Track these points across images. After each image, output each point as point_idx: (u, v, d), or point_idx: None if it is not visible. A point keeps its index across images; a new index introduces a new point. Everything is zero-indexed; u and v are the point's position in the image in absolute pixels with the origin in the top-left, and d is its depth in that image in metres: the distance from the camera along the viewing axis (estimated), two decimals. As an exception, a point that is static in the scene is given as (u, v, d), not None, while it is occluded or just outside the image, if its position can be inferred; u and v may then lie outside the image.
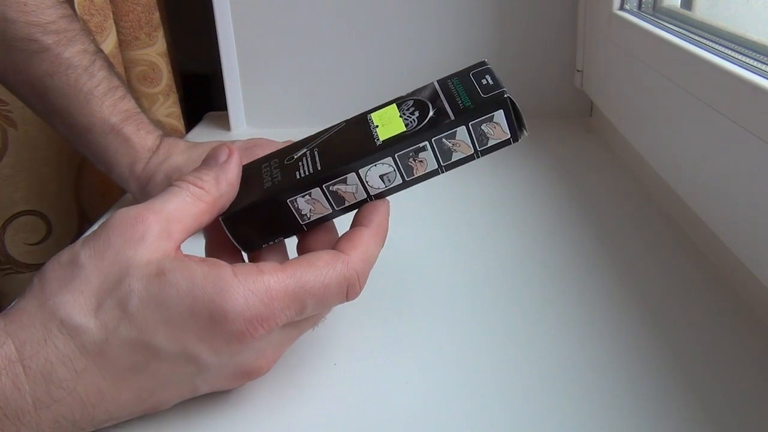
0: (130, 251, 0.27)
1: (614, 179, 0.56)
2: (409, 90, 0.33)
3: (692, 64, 0.41)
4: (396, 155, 0.30)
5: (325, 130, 0.33)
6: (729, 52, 0.39)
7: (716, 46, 0.41)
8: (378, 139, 0.31)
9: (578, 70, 0.68)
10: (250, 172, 0.33)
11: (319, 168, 0.31)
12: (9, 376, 0.26)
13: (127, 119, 0.49)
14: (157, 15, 0.70)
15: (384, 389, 0.33)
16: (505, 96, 0.30)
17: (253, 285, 0.27)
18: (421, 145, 0.30)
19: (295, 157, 0.32)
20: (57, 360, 0.26)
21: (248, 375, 0.30)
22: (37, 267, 0.64)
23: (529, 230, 0.48)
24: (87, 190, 0.67)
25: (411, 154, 0.31)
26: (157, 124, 0.52)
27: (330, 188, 0.31)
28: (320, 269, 0.29)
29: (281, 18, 0.69)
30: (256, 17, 0.70)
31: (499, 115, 0.30)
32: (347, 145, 0.31)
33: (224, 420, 0.31)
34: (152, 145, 0.50)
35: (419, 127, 0.30)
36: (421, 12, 0.68)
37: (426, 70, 0.70)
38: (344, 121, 0.33)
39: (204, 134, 0.73)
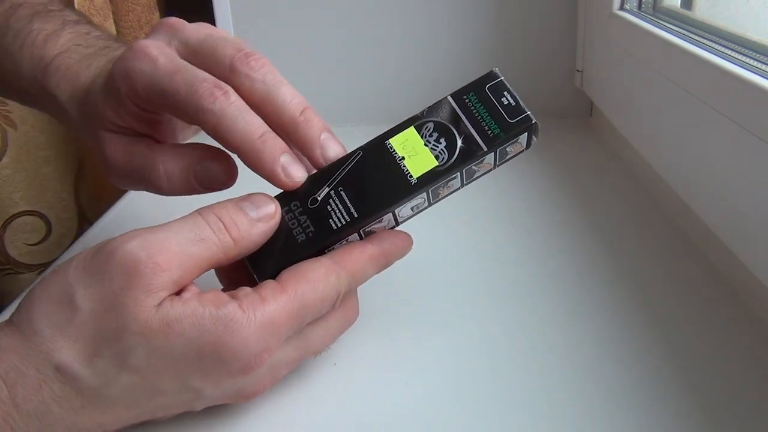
0: (130, 299, 0.25)
1: (614, 179, 0.56)
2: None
3: (692, 64, 0.41)
4: (430, 190, 0.31)
5: (342, 162, 0.31)
6: (729, 52, 0.39)
7: (716, 46, 0.41)
8: (412, 177, 0.30)
9: (578, 70, 0.68)
10: None
11: (356, 215, 0.30)
12: (0, 414, 0.25)
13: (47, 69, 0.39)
14: (157, 15, 0.70)
15: (384, 389, 0.33)
16: (533, 122, 0.30)
17: (261, 317, 0.27)
18: (453, 176, 0.30)
19: (320, 199, 0.30)
20: (53, 402, 0.25)
21: (245, 397, 0.29)
22: (37, 267, 0.64)
23: (529, 230, 0.48)
24: (87, 190, 0.67)
25: (443, 185, 0.31)
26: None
27: (366, 229, 0.31)
28: (318, 284, 0.28)
29: (281, 18, 0.69)
30: (256, 17, 0.70)
31: (524, 136, 0.31)
32: (380, 186, 0.30)
33: (224, 420, 0.31)
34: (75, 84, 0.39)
35: (452, 161, 0.30)
36: (421, 12, 0.68)
37: (426, 70, 0.70)
38: (359, 149, 0.31)
39: (204, 136, 0.73)
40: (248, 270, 0.30)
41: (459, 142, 0.30)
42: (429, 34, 0.69)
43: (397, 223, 0.32)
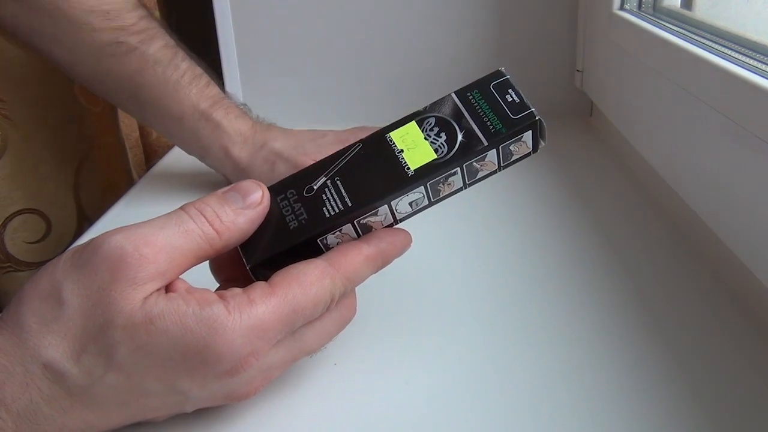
0: (116, 293, 0.25)
1: (614, 179, 0.56)
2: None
3: (692, 64, 0.41)
4: (428, 183, 0.30)
5: (340, 153, 0.31)
6: (729, 52, 0.39)
7: (716, 46, 0.41)
8: (409, 169, 0.30)
9: (578, 70, 0.68)
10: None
11: (350, 204, 0.30)
12: None
13: (215, 104, 0.52)
14: (157, 15, 0.70)
15: (384, 389, 0.33)
16: (537, 118, 0.30)
17: (247, 320, 0.26)
18: (452, 171, 0.30)
19: (315, 188, 0.30)
20: (42, 401, 0.25)
21: (236, 399, 0.29)
22: (36, 265, 0.63)
23: (529, 230, 0.48)
24: (86, 188, 0.67)
25: (442, 180, 0.30)
26: (244, 107, 0.55)
27: (360, 221, 0.30)
28: (310, 288, 0.28)
29: (281, 18, 0.69)
30: (256, 17, 0.70)
31: (528, 135, 0.30)
32: (376, 176, 0.30)
33: (222, 420, 0.31)
34: (244, 128, 0.52)
35: (451, 154, 0.30)
36: (420, 11, 0.68)
37: (426, 69, 0.70)
38: (359, 141, 0.31)
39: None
40: (244, 268, 0.30)
41: (459, 137, 0.30)
42: (429, 35, 0.69)
43: (396, 220, 0.31)
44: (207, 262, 0.31)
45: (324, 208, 0.30)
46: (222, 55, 0.70)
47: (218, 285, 0.32)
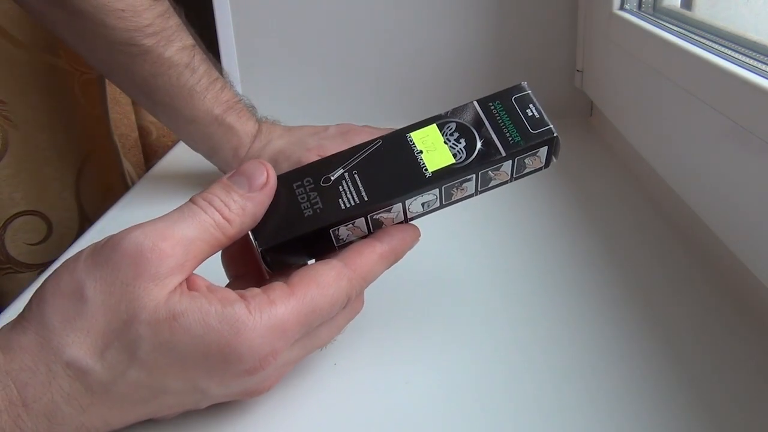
0: (140, 289, 0.26)
1: (614, 179, 0.56)
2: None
3: (692, 64, 0.41)
4: (443, 187, 0.31)
5: (360, 148, 0.31)
6: (729, 52, 0.39)
7: (716, 46, 0.41)
8: (427, 171, 0.30)
9: (578, 70, 0.68)
10: (282, 190, 0.31)
11: (366, 198, 0.30)
12: (10, 416, 0.25)
13: (229, 109, 0.52)
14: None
15: (384, 389, 0.33)
16: (555, 135, 0.30)
17: (267, 320, 0.26)
18: (468, 177, 0.31)
19: (333, 179, 0.31)
20: (62, 400, 0.25)
21: (250, 395, 0.30)
22: (37, 267, 0.64)
23: (529, 230, 0.48)
24: (88, 189, 0.67)
25: (456, 185, 0.31)
26: (251, 108, 0.55)
27: (374, 216, 0.31)
28: (328, 289, 0.28)
29: (281, 18, 0.69)
30: (256, 17, 0.70)
31: (543, 150, 0.31)
32: (393, 174, 0.30)
33: (223, 419, 0.31)
34: (253, 130, 0.53)
35: (469, 161, 0.30)
36: (420, 11, 0.68)
37: (425, 68, 0.70)
38: (379, 138, 0.32)
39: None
40: (255, 265, 0.30)
41: (479, 145, 0.30)
42: (429, 34, 0.69)
43: (406, 219, 0.32)
44: (220, 258, 0.32)
45: (340, 200, 0.30)
46: (222, 55, 0.70)
47: (228, 282, 0.33)
